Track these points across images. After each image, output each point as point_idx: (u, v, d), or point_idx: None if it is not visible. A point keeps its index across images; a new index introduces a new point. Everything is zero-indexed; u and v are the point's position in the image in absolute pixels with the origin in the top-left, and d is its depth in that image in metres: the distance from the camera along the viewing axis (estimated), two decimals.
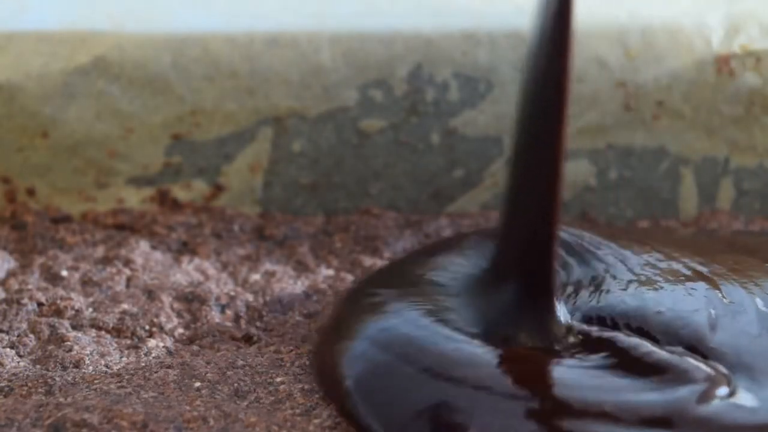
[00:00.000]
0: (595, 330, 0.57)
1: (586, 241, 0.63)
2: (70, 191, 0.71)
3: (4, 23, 0.70)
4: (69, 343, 0.59)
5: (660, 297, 0.59)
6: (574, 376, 0.54)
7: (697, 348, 0.55)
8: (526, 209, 0.57)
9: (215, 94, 0.70)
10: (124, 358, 0.58)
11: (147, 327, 0.61)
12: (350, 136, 0.71)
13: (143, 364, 0.58)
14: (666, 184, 0.72)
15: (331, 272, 0.67)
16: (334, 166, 0.72)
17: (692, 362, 0.54)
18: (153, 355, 0.59)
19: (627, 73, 0.71)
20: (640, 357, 0.54)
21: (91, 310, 0.62)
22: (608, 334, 0.56)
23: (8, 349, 0.59)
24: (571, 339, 0.56)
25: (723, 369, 0.54)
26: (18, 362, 0.58)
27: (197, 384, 0.56)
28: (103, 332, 0.60)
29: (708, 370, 0.54)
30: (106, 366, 0.58)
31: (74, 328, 0.61)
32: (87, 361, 0.58)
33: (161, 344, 0.60)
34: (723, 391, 0.53)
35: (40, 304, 0.62)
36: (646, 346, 0.55)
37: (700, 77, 0.71)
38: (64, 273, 0.65)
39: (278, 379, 0.57)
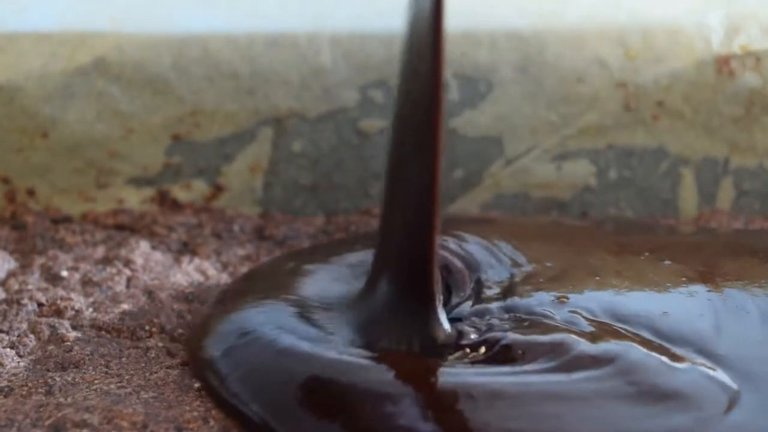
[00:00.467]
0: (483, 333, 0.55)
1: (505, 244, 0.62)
2: (70, 191, 0.71)
3: (4, 23, 0.70)
4: (69, 343, 0.59)
5: (663, 300, 0.58)
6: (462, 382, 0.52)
7: (703, 354, 0.54)
8: (404, 212, 0.54)
9: (215, 94, 0.70)
10: (124, 358, 0.58)
11: (147, 327, 0.61)
12: (350, 136, 0.71)
13: (143, 364, 0.58)
14: (666, 184, 0.72)
15: None
16: (334, 167, 0.72)
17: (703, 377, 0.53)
18: (153, 355, 0.59)
19: (627, 73, 0.71)
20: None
21: (91, 310, 0.62)
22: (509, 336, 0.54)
23: (8, 349, 0.59)
24: (462, 345, 0.54)
25: (732, 382, 0.53)
26: (18, 362, 0.58)
27: (197, 384, 0.56)
28: (103, 332, 0.60)
29: (720, 382, 0.52)
30: (106, 366, 0.57)
31: (74, 328, 0.61)
32: (87, 361, 0.58)
33: (161, 344, 0.60)
34: (732, 409, 0.51)
35: (40, 305, 0.62)
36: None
37: (700, 77, 0.71)
38: (64, 273, 0.65)
39: None
